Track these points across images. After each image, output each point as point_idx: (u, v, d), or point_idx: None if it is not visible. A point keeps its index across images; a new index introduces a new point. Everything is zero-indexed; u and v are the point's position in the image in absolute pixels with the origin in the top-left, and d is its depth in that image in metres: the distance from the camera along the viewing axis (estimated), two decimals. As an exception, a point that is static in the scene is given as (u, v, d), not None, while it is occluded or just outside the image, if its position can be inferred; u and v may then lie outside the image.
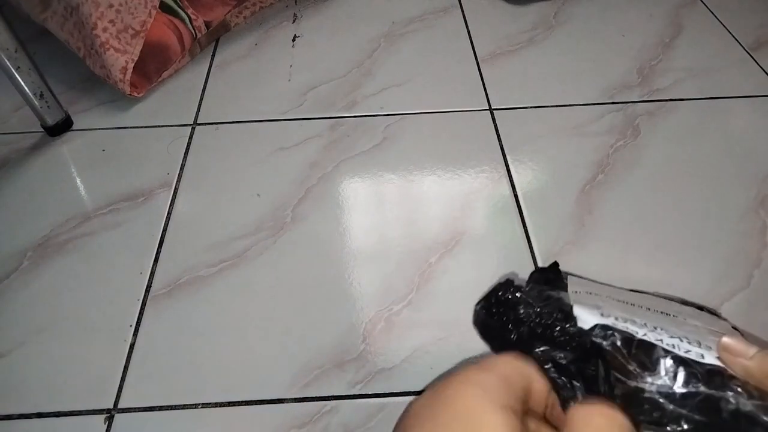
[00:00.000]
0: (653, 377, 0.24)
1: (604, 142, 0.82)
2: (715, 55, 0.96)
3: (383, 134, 0.84)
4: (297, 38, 1.02)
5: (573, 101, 0.88)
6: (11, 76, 0.78)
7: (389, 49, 0.99)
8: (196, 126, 0.86)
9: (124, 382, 0.58)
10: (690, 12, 1.05)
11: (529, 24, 1.03)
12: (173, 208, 0.75)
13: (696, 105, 0.87)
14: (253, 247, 0.70)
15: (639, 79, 0.92)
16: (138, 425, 0.55)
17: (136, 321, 0.63)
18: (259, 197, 0.76)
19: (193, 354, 0.60)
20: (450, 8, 1.08)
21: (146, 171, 0.79)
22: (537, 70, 0.94)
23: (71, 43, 0.88)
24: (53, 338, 0.62)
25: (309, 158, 0.81)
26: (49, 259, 0.69)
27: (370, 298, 0.65)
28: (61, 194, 0.77)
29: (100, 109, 0.89)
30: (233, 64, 0.97)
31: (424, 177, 0.78)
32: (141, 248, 0.70)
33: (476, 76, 0.93)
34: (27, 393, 0.58)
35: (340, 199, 0.76)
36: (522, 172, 0.78)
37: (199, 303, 0.65)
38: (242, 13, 1.04)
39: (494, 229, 0.71)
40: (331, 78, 0.93)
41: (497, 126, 0.85)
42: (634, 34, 1.01)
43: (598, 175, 0.77)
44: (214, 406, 0.57)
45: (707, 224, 0.71)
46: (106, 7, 0.83)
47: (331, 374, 0.59)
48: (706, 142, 0.82)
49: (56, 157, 0.82)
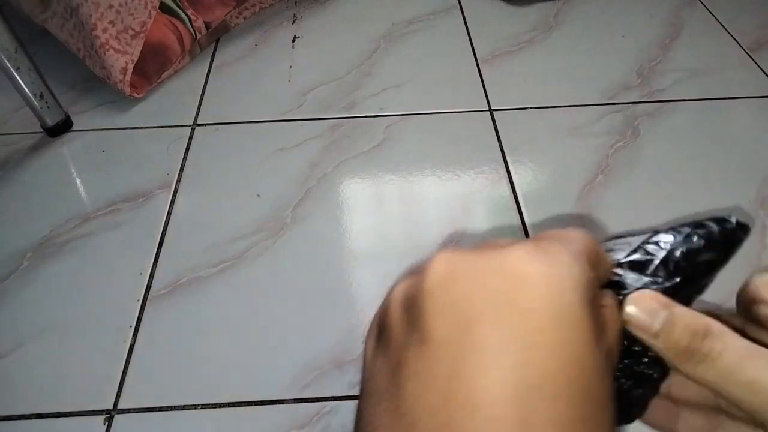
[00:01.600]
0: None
1: (604, 142, 0.82)
2: (714, 56, 0.96)
3: (383, 135, 0.84)
4: (297, 39, 1.02)
5: (573, 102, 0.88)
6: (11, 77, 0.78)
7: (389, 50, 0.99)
8: (196, 126, 0.86)
9: (123, 382, 0.58)
10: (690, 13, 1.05)
11: (529, 25, 1.03)
12: (173, 208, 0.75)
13: (695, 106, 0.87)
14: (253, 247, 0.70)
15: (639, 79, 0.92)
16: (138, 426, 0.55)
17: (135, 322, 0.63)
18: (259, 198, 0.76)
19: (193, 355, 0.60)
20: (450, 9, 1.08)
21: (146, 171, 0.79)
22: (537, 71, 0.94)
23: (71, 43, 0.88)
24: (53, 339, 0.62)
25: (309, 159, 0.81)
26: (48, 260, 0.69)
27: (370, 299, 0.65)
28: (60, 195, 0.77)
29: (100, 110, 0.89)
30: (233, 65, 0.97)
31: (424, 177, 0.78)
32: (141, 249, 0.70)
33: (476, 76, 0.93)
34: (27, 393, 0.58)
35: (340, 199, 0.76)
36: (522, 173, 0.78)
37: (198, 304, 0.64)
38: (242, 14, 1.04)
39: (494, 229, 0.71)
40: (331, 79, 0.94)
41: (497, 127, 0.85)
42: (634, 34, 1.01)
43: (598, 175, 0.77)
44: (214, 407, 0.57)
45: (707, 225, 0.71)
46: (106, 7, 0.83)
47: (331, 375, 0.59)
48: (706, 143, 0.82)
49: (56, 158, 0.82)
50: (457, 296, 0.15)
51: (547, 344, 0.14)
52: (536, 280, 0.15)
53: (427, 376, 0.14)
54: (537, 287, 0.15)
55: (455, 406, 0.14)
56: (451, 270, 0.16)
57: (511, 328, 0.14)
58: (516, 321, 0.14)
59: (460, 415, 0.14)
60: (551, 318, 0.15)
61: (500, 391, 0.14)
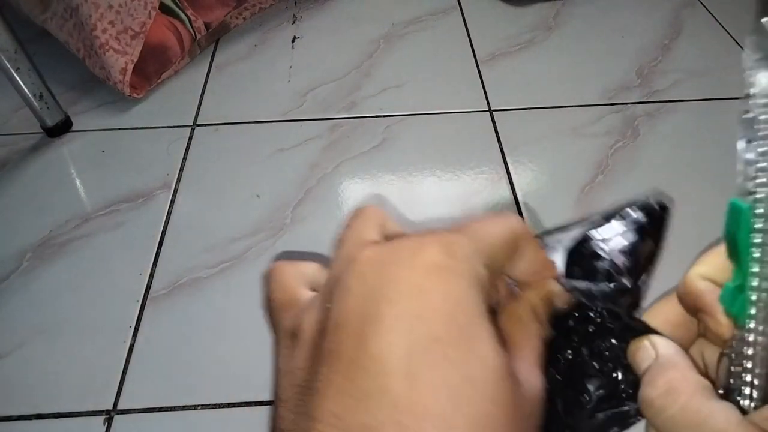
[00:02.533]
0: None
1: (604, 143, 0.82)
2: (714, 57, 0.96)
3: (383, 135, 0.84)
4: (296, 39, 1.02)
5: (572, 102, 0.88)
6: (11, 77, 0.78)
7: (389, 51, 0.99)
8: (196, 127, 0.86)
9: (123, 383, 0.58)
10: (689, 13, 1.05)
11: (529, 25, 1.03)
12: (173, 209, 0.75)
13: (695, 106, 0.87)
14: (253, 248, 0.70)
15: (638, 80, 0.92)
16: (137, 426, 0.55)
17: (135, 322, 0.63)
18: (259, 198, 0.76)
19: (193, 355, 0.60)
20: (449, 9, 1.08)
21: (146, 172, 0.79)
22: (536, 72, 0.94)
23: (71, 44, 0.89)
24: (53, 339, 0.62)
25: (308, 159, 0.81)
26: (48, 260, 0.69)
27: (369, 299, 0.64)
28: (60, 195, 0.77)
29: (100, 110, 0.89)
30: (233, 65, 0.97)
31: (423, 178, 0.78)
32: (140, 249, 0.70)
33: (476, 77, 0.93)
34: (26, 394, 0.58)
35: (340, 200, 0.76)
36: (522, 173, 0.78)
37: (198, 304, 0.64)
38: (242, 15, 1.04)
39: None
40: (331, 79, 0.94)
41: (497, 127, 0.85)
42: (634, 35, 1.01)
43: (598, 176, 0.77)
44: (214, 408, 0.57)
45: (706, 225, 0.71)
46: (106, 8, 0.83)
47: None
48: (706, 143, 0.82)
49: (56, 158, 0.82)
50: (370, 283, 0.18)
51: (435, 315, 0.17)
52: (434, 270, 0.18)
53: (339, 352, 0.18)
54: (433, 276, 0.18)
55: (357, 368, 0.17)
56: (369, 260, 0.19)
57: (406, 306, 0.17)
58: (411, 301, 0.17)
59: (361, 374, 0.17)
60: (442, 299, 0.18)
61: (392, 351, 0.17)
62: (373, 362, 0.17)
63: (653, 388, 0.19)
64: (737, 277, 0.19)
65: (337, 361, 0.17)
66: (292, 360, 0.20)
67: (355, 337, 0.17)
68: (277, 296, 0.23)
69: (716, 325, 0.20)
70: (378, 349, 0.17)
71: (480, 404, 0.17)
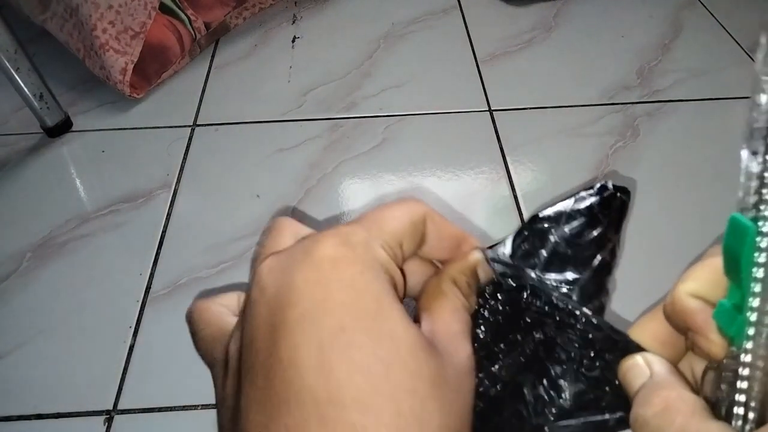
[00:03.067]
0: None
1: (604, 143, 0.82)
2: (714, 57, 0.96)
3: (383, 135, 0.84)
4: (296, 39, 1.02)
5: (572, 102, 0.88)
6: (11, 77, 0.78)
7: (389, 51, 0.99)
8: (196, 127, 0.86)
9: (123, 383, 0.58)
10: (689, 13, 1.05)
11: (529, 25, 1.03)
12: (173, 209, 0.75)
13: (695, 106, 0.87)
14: (253, 248, 0.70)
15: (638, 80, 0.92)
16: (137, 426, 0.55)
17: (135, 322, 0.63)
18: (259, 198, 0.76)
19: (193, 355, 0.60)
20: (449, 9, 1.08)
21: (146, 172, 0.79)
22: (536, 71, 0.94)
23: (71, 44, 0.89)
24: (53, 339, 0.62)
25: (309, 159, 0.81)
26: (48, 260, 0.69)
27: (369, 299, 0.64)
28: (60, 195, 0.77)
29: (100, 110, 0.89)
30: (233, 65, 0.97)
31: (423, 178, 0.78)
32: (141, 249, 0.70)
33: (476, 77, 0.93)
34: (26, 394, 0.58)
35: (340, 200, 0.76)
36: (521, 173, 0.78)
37: (198, 304, 0.64)
38: (242, 14, 1.04)
39: (494, 230, 0.71)
40: (331, 79, 0.94)
41: (497, 127, 0.85)
42: (634, 35, 1.01)
43: (598, 176, 0.77)
44: (214, 407, 0.56)
45: (706, 225, 0.71)
46: (106, 8, 0.83)
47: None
48: (706, 143, 0.82)
49: (56, 158, 0.82)
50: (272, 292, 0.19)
51: (337, 306, 0.18)
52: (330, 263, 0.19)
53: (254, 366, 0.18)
54: (330, 268, 0.18)
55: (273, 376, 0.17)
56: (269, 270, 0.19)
57: (307, 304, 0.18)
58: (312, 298, 0.18)
59: (278, 381, 0.17)
60: (342, 288, 0.18)
61: (302, 351, 0.17)
62: (286, 366, 0.17)
63: (649, 407, 0.18)
64: (734, 296, 0.18)
65: (254, 375, 0.18)
66: (224, 389, 0.21)
67: (265, 348, 0.18)
68: (206, 333, 0.23)
69: (708, 344, 0.19)
70: (288, 353, 0.17)
71: (399, 380, 0.17)
